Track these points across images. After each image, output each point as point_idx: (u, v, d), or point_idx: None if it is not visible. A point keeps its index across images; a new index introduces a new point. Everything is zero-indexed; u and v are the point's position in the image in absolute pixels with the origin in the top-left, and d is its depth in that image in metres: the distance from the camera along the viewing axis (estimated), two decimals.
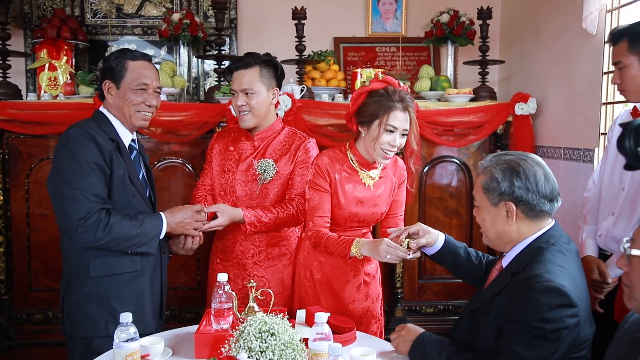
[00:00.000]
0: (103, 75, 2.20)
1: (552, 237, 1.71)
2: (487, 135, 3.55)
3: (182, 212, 2.18)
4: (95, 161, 2.01)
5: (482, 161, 1.81)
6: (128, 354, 1.68)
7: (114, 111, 2.18)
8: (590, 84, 3.01)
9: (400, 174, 2.37)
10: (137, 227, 2.04)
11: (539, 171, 1.70)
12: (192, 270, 3.52)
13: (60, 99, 3.48)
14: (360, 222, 2.30)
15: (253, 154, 2.47)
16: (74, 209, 1.96)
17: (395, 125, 2.13)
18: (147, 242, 2.08)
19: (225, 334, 1.74)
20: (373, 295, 2.36)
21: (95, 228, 1.96)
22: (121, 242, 2.02)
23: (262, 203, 2.44)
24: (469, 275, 2.08)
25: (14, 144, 3.36)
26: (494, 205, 1.74)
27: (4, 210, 3.36)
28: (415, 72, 4.03)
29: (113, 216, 2.00)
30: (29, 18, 4.03)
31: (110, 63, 2.16)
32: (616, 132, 2.28)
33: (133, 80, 2.14)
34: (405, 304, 3.63)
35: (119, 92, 2.15)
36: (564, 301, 1.54)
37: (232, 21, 4.15)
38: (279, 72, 2.48)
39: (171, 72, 3.59)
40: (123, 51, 2.20)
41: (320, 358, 1.67)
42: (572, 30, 3.14)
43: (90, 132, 2.05)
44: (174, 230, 2.18)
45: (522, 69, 3.89)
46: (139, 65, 2.17)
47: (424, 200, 3.58)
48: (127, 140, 2.20)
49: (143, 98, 2.16)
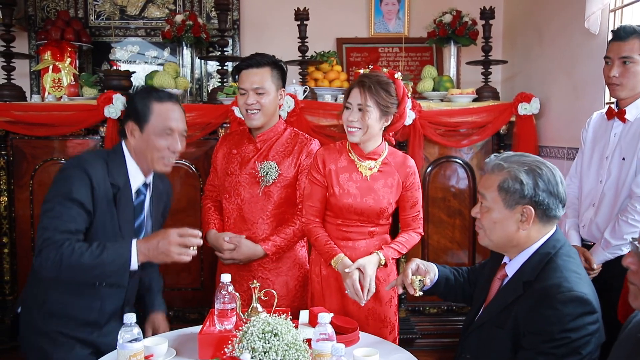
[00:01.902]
0: (127, 116, 2.08)
1: (558, 241, 1.68)
2: (490, 136, 3.55)
3: (159, 238, 1.91)
4: (79, 199, 1.90)
5: (491, 160, 1.74)
6: (132, 354, 1.68)
7: (134, 154, 2.07)
8: (593, 84, 3.01)
9: (407, 174, 2.31)
10: (95, 257, 1.85)
11: (557, 174, 1.66)
12: (195, 271, 3.52)
13: (64, 100, 3.51)
14: (359, 214, 2.27)
15: (255, 155, 2.47)
16: (39, 237, 1.89)
17: (350, 101, 2.22)
18: (112, 272, 1.88)
19: (228, 335, 1.75)
20: (383, 298, 2.32)
21: (46, 259, 1.85)
22: (78, 273, 1.87)
23: (265, 206, 2.44)
24: (459, 295, 2.05)
25: (18, 145, 3.38)
26: (509, 207, 1.66)
27: (8, 211, 3.38)
28: (418, 73, 4.03)
29: (67, 246, 1.85)
30: (33, 20, 4.05)
31: (135, 104, 2.05)
32: (590, 133, 2.47)
33: (158, 124, 2.04)
34: (409, 305, 3.63)
35: (143, 135, 2.04)
36: (586, 309, 1.52)
37: (234, 22, 4.15)
38: (285, 75, 2.51)
39: (174, 74, 3.60)
40: (148, 91, 2.10)
41: (323, 358, 1.67)
42: (575, 30, 3.14)
43: (89, 172, 1.94)
44: (154, 259, 1.92)
45: (525, 69, 3.89)
46: (165, 108, 2.06)
47: (427, 200, 3.58)
48: (136, 183, 2.08)
49: (168, 143, 2.05)
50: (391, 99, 2.22)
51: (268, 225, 2.46)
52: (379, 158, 2.30)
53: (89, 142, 3.42)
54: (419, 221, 2.38)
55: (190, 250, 1.92)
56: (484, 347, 1.70)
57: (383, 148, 2.32)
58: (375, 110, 2.19)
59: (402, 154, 2.38)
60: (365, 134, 2.21)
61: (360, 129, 2.21)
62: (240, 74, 2.43)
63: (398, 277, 2.01)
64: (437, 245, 3.63)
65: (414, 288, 1.91)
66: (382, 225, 2.33)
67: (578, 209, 2.52)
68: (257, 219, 2.45)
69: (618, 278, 2.02)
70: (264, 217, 2.45)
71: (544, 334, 1.53)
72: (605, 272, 2.30)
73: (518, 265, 1.71)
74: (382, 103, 2.19)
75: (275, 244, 2.43)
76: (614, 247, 2.26)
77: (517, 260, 1.72)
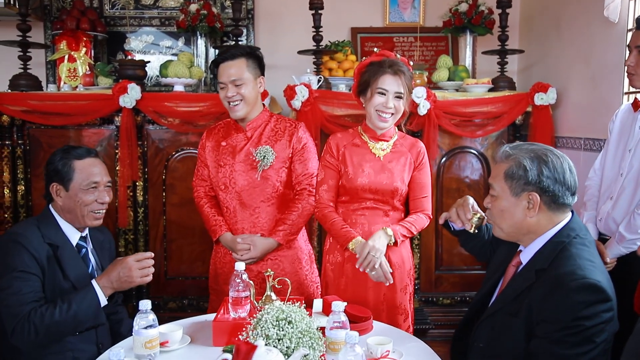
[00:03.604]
0: (49, 178, 2.12)
1: (573, 230, 1.67)
2: (506, 126, 3.51)
3: (118, 268, 2.00)
4: (27, 269, 1.95)
5: (502, 149, 1.75)
6: (147, 340, 1.70)
7: (63, 213, 2.12)
8: (611, 73, 2.96)
9: (419, 153, 2.39)
10: (65, 311, 1.91)
11: (565, 162, 1.66)
12: (209, 260, 3.53)
13: (80, 90, 3.53)
14: (374, 193, 2.32)
15: (248, 143, 2.49)
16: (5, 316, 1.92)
17: (385, 87, 2.27)
18: (87, 317, 1.96)
19: (242, 322, 1.75)
20: (397, 284, 2.33)
21: (21, 335, 1.88)
22: (56, 332, 1.92)
23: (265, 190, 2.46)
24: (481, 251, 2.07)
25: (34, 134, 3.41)
26: (515, 195, 1.68)
27: (25, 200, 3.41)
28: (433, 62, 4.00)
29: (33, 314, 1.89)
30: (49, 10, 4.06)
31: (56, 165, 2.10)
32: (617, 124, 2.37)
33: (82, 180, 2.09)
34: (422, 295, 3.62)
35: (69, 193, 2.10)
36: (599, 297, 1.51)
37: (249, 12, 4.14)
38: (262, 63, 2.52)
39: (189, 63, 3.60)
40: (66, 151, 2.14)
41: (337, 346, 1.67)
42: (594, 18, 3.10)
43: (22, 242, 1.98)
44: (120, 288, 2.02)
45: (541, 59, 3.84)
46: (86, 164, 2.12)
47: (441, 191, 3.56)
48: (74, 240, 2.14)
49: (95, 196, 2.11)
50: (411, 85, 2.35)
51: (270, 208, 2.48)
52: (391, 140, 2.39)
53: (104, 131, 3.44)
54: (427, 204, 2.40)
55: (150, 270, 2.04)
56: (497, 335, 1.69)
57: (393, 131, 2.42)
58: (409, 96, 2.33)
59: (412, 137, 2.47)
60: (396, 119, 2.33)
61: (393, 114, 2.31)
62: (218, 69, 2.45)
63: (454, 208, 2.00)
64: (451, 236, 3.58)
65: (472, 224, 1.92)
66: (396, 208, 2.36)
67: (597, 202, 2.48)
68: (259, 203, 2.47)
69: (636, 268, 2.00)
70: (265, 200, 2.47)
71: (557, 322, 1.52)
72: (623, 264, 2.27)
73: (532, 254, 1.71)
74: (410, 90, 2.34)
75: (285, 232, 2.46)
76: (629, 242, 2.22)
77: (531, 248, 1.72)
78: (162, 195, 3.50)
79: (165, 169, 3.47)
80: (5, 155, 3.35)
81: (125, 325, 2.28)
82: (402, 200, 2.38)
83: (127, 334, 2.13)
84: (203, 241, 3.50)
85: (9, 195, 3.37)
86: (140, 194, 3.46)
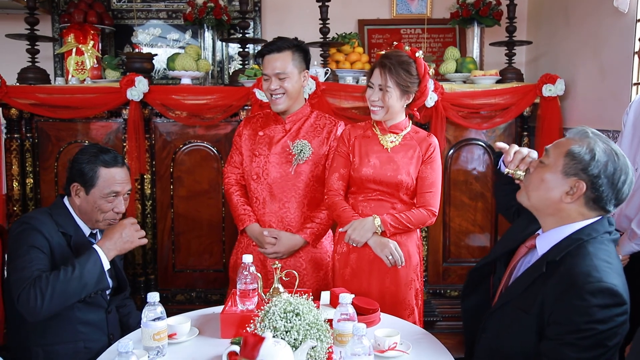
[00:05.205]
0: (72, 176, 2.12)
1: (596, 231, 1.60)
2: (514, 118, 3.50)
3: (118, 231, 2.02)
4: (39, 246, 1.97)
5: (581, 127, 1.64)
6: (155, 332, 1.71)
7: (79, 212, 2.14)
8: (620, 64, 2.94)
9: (428, 147, 2.34)
10: (70, 273, 1.88)
11: (629, 176, 1.58)
12: (217, 253, 3.55)
13: (88, 83, 3.54)
14: (378, 184, 2.31)
15: (286, 136, 2.49)
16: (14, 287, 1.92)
17: (372, 81, 2.30)
18: (95, 279, 1.93)
19: (250, 314, 1.76)
20: (402, 280, 2.32)
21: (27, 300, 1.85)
22: (61, 296, 1.87)
23: (297, 184, 2.46)
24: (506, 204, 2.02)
25: (43, 127, 3.42)
26: (565, 174, 1.59)
27: (34, 193, 3.43)
28: (441, 54, 3.98)
29: (38, 279, 1.87)
30: (56, 3, 4.07)
31: (82, 167, 2.09)
32: (631, 117, 2.32)
33: (104, 188, 2.09)
34: (430, 287, 3.62)
35: (88, 197, 2.10)
36: (615, 301, 1.47)
37: (256, 4, 4.13)
38: (308, 57, 2.52)
39: (196, 56, 3.60)
40: (95, 154, 2.12)
41: (345, 338, 1.68)
42: (603, 8, 3.07)
43: (38, 227, 2.00)
44: (122, 250, 2.03)
45: (550, 50, 3.82)
46: (112, 173, 2.11)
47: (449, 183, 3.55)
48: (86, 231, 2.16)
49: (113, 205, 2.12)
50: (411, 78, 2.28)
51: (299, 204, 2.48)
52: (401, 132, 2.37)
53: (111, 124, 3.45)
54: (432, 200, 2.32)
55: (143, 232, 2.09)
56: (506, 329, 1.65)
57: (406, 124, 2.39)
58: (396, 90, 2.27)
59: (425, 132, 2.43)
60: (387, 112, 2.30)
61: (382, 107, 2.29)
62: (263, 60, 2.45)
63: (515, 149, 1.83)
64: (459, 228, 3.61)
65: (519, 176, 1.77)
66: (404, 202, 2.34)
67: None
68: (290, 197, 2.47)
69: None
70: (296, 195, 2.47)
71: (569, 325, 1.48)
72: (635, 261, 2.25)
73: (549, 246, 1.64)
74: (402, 83, 2.26)
75: (313, 230, 2.46)
76: None
77: (549, 238, 1.65)
78: (170, 188, 3.51)
79: (173, 161, 3.48)
80: (14, 149, 3.36)
81: (134, 317, 2.30)
82: (410, 194, 2.34)
83: (135, 326, 2.15)
84: (211, 234, 3.52)
85: (17, 188, 3.39)
86: (148, 186, 3.47)
